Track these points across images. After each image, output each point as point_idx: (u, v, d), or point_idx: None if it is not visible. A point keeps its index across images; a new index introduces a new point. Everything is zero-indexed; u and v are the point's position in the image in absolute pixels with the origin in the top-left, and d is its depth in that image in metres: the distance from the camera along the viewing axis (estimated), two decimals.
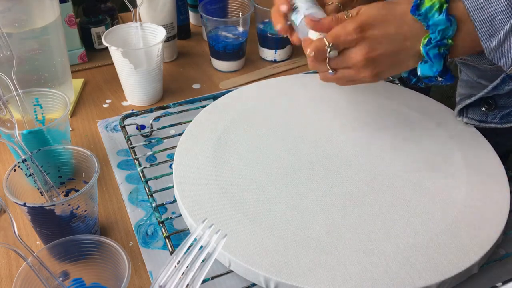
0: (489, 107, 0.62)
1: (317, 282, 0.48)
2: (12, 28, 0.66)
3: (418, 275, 0.49)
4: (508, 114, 0.62)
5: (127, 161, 0.68)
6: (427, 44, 0.52)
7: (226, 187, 0.58)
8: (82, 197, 0.51)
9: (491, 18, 0.50)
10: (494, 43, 0.51)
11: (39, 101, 0.63)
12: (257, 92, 0.73)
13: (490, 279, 0.53)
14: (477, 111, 0.64)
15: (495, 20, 0.49)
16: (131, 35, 0.79)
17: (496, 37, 0.50)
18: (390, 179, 0.59)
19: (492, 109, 0.62)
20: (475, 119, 0.64)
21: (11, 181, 0.52)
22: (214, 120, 0.68)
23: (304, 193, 0.57)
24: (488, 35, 0.50)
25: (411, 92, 0.73)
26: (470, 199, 0.56)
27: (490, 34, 0.50)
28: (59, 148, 0.57)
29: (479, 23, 0.50)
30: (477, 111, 0.64)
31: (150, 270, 0.55)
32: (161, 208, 0.60)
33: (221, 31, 0.87)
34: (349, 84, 0.58)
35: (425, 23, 0.51)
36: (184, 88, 0.84)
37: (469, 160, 0.61)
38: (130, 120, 0.73)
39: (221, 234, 0.42)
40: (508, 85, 0.56)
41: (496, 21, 0.49)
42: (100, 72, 0.88)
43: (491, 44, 0.51)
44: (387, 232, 0.53)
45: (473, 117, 0.65)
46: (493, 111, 0.63)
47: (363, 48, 0.53)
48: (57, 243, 0.47)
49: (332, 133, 0.66)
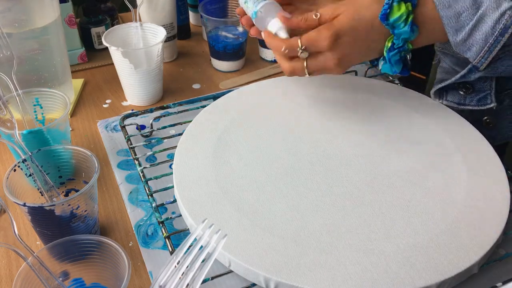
0: (466, 91, 0.68)
1: (317, 282, 0.48)
2: (12, 28, 0.66)
3: (418, 275, 0.49)
4: (485, 97, 0.67)
5: (127, 161, 0.68)
6: (390, 50, 0.59)
7: (226, 187, 0.58)
8: (82, 197, 0.51)
9: (457, 15, 0.55)
10: (460, 37, 0.56)
11: (39, 101, 0.63)
12: (257, 92, 0.73)
13: (490, 279, 0.53)
14: (455, 94, 0.69)
15: (461, 16, 0.54)
16: (131, 35, 0.79)
17: (462, 32, 0.55)
18: (390, 179, 0.59)
19: (469, 93, 0.68)
20: (454, 102, 0.70)
21: (11, 181, 0.52)
22: (214, 120, 0.68)
23: (304, 193, 0.57)
24: (455, 29, 0.56)
25: (411, 92, 0.73)
26: (470, 199, 0.56)
27: (457, 29, 0.55)
28: (59, 148, 0.57)
29: (447, 19, 0.55)
30: (456, 94, 0.69)
31: (150, 270, 0.55)
32: (161, 208, 0.60)
33: (221, 31, 0.87)
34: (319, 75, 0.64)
35: (391, 31, 0.57)
36: (184, 88, 0.84)
37: (469, 160, 0.61)
38: (130, 120, 0.73)
39: (221, 234, 0.42)
40: (474, 74, 0.62)
41: (462, 18, 0.54)
42: (100, 72, 0.88)
43: (457, 38, 0.56)
44: (387, 232, 0.53)
45: (452, 100, 0.70)
46: (470, 95, 0.68)
47: (336, 55, 0.59)
48: (57, 243, 0.47)
49: (332, 133, 0.66)
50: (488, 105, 0.67)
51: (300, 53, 0.59)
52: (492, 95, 0.66)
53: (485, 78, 0.66)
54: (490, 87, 0.66)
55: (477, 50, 0.55)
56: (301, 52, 0.59)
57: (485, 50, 0.55)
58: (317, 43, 0.58)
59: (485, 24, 0.54)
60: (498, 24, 0.53)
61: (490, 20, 0.53)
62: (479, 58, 0.56)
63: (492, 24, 0.53)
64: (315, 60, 0.60)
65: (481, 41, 0.55)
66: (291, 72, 0.62)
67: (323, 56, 0.59)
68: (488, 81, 0.66)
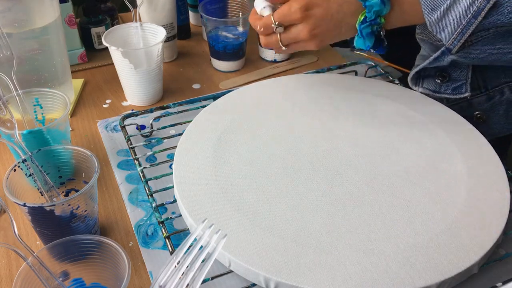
0: (443, 79, 0.69)
1: (317, 282, 0.48)
2: (12, 28, 0.66)
3: (418, 275, 0.49)
4: (460, 86, 0.69)
5: (127, 161, 0.68)
6: (363, 23, 0.59)
7: (226, 187, 0.58)
8: (82, 197, 0.51)
9: None
10: (435, 17, 0.57)
11: (39, 101, 0.63)
12: (257, 92, 0.73)
13: (490, 279, 0.53)
14: (431, 82, 0.71)
15: None
16: (131, 35, 0.79)
17: (437, 11, 0.56)
18: (390, 179, 0.59)
19: (445, 81, 0.69)
20: (430, 89, 0.71)
21: (11, 181, 0.52)
22: (214, 120, 0.68)
23: (304, 193, 0.57)
24: (430, 8, 0.57)
25: (411, 92, 0.73)
26: (470, 199, 0.56)
27: (432, 8, 0.56)
28: (59, 148, 0.57)
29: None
30: (432, 82, 0.71)
31: (150, 270, 0.55)
32: (161, 208, 0.60)
33: (221, 31, 0.87)
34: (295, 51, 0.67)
35: (363, 3, 0.58)
36: (184, 88, 0.84)
37: (469, 160, 0.61)
38: (130, 120, 0.73)
39: (221, 234, 0.42)
40: (447, 57, 0.62)
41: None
42: (100, 72, 0.88)
43: (432, 17, 0.57)
44: (387, 232, 0.53)
45: (428, 87, 0.72)
46: (446, 83, 0.69)
47: (308, 26, 0.60)
48: (57, 243, 0.47)
49: (332, 133, 0.66)
50: (462, 94, 0.69)
51: (276, 28, 0.62)
52: (468, 84, 0.68)
53: (461, 67, 0.67)
54: (466, 77, 0.68)
55: (451, 31, 0.56)
56: (276, 27, 0.62)
57: (458, 32, 0.56)
58: (289, 17, 0.60)
59: (460, 5, 0.55)
60: (472, 6, 0.54)
61: (465, 1, 0.54)
62: (452, 40, 0.57)
63: (467, 5, 0.54)
64: (288, 33, 0.62)
65: (454, 22, 0.56)
66: (266, 44, 0.65)
67: (295, 28, 0.61)
68: (464, 70, 0.67)
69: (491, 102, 0.70)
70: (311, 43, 0.62)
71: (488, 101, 0.70)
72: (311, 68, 0.88)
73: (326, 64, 0.89)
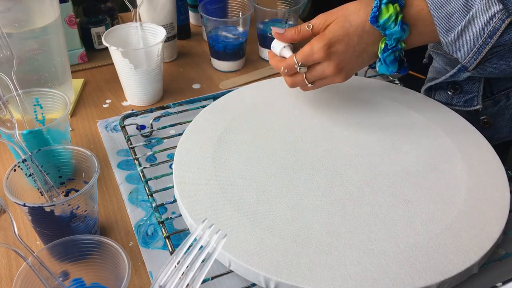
0: (455, 91, 0.70)
1: (317, 282, 0.48)
2: (12, 28, 0.66)
3: (418, 275, 0.49)
4: (471, 99, 0.69)
5: (127, 161, 0.68)
6: (384, 51, 0.60)
7: (226, 187, 0.58)
8: (82, 197, 0.51)
9: (449, 16, 0.56)
10: (451, 38, 0.57)
11: (39, 101, 0.63)
12: (257, 92, 0.73)
13: (490, 279, 0.53)
14: (443, 94, 0.72)
15: (452, 17, 0.55)
16: (131, 35, 0.79)
17: (453, 33, 0.56)
18: (390, 179, 0.59)
19: (457, 93, 0.70)
20: (441, 101, 0.71)
21: (11, 181, 0.52)
22: (214, 120, 0.68)
23: (304, 193, 0.57)
24: (445, 30, 0.57)
25: (411, 92, 0.73)
26: (470, 199, 0.56)
27: (447, 29, 0.56)
28: (59, 148, 0.57)
29: (438, 20, 0.56)
30: (444, 94, 0.72)
31: (150, 270, 0.55)
32: (161, 208, 0.60)
33: (221, 31, 0.87)
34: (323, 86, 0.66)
35: (383, 32, 0.59)
36: (184, 88, 0.84)
37: (469, 160, 0.61)
38: (130, 120, 0.73)
39: (221, 234, 0.42)
40: (464, 74, 0.64)
41: (453, 19, 0.55)
42: (100, 72, 0.88)
43: (448, 39, 0.57)
44: (387, 232, 0.53)
45: (440, 99, 0.72)
46: (458, 95, 0.70)
47: (332, 62, 0.61)
48: (57, 243, 0.47)
49: (332, 133, 0.66)
50: (474, 106, 0.69)
51: (299, 69, 0.62)
52: (479, 97, 0.68)
53: (473, 79, 0.67)
54: (478, 89, 0.68)
55: (467, 50, 0.56)
56: (299, 68, 0.62)
57: (474, 51, 0.56)
58: (312, 56, 0.61)
59: (475, 26, 0.55)
60: (488, 26, 0.54)
61: (480, 22, 0.54)
62: (468, 59, 0.57)
63: (482, 26, 0.54)
64: (314, 71, 0.62)
65: (470, 42, 0.56)
66: (292, 84, 0.66)
67: (320, 66, 0.62)
68: (476, 83, 0.67)
69: (497, 107, 0.70)
70: (337, 78, 0.63)
71: (495, 106, 0.70)
72: None
73: None
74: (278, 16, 0.87)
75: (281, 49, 0.65)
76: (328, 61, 0.61)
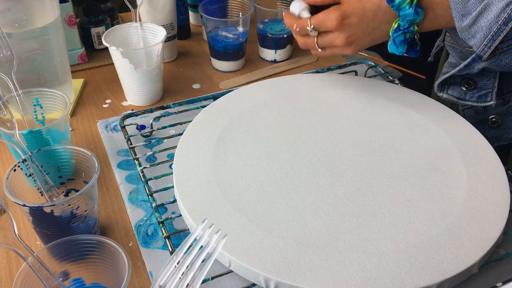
0: (468, 87, 0.69)
1: (317, 282, 0.48)
2: (12, 28, 0.66)
3: (418, 275, 0.49)
4: (485, 95, 0.68)
5: (127, 161, 0.68)
6: (396, 31, 0.61)
7: (226, 187, 0.58)
8: (82, 197, 0.51)
9: (465, 0, 0.56)
10: (466, 23, 0.57)
11: (39, 101, 0.63)
12: (257, 92, 0.73)
13: (490, 279, 0.53)
14: (456, 89, 0.71)
15: (469, 2, 0.56)
16: (131, 35, 0.79)
17: (468, 18, 0.56)
18: (390, 179, 0.59)
19: (471, 89, 0.69)
20: (454, 96, 0.71)
21: (11, 181, 0.52)
22: (214, 120, 0.68)
23: (304, 193, 0.57)
24: (461, 14, 0.57)
25: (411, 92, 0.73)
26: (470, 199, 0.56)
27: (463, 14, 0.57)
28: (59, 148, 0.57)
29: (454, 4, 0.57)
30: (457, 89, 0.71)
31: (150, 270, 0.55)
32: (161, 208, 0.60)
33: (221, 31, 0.87)
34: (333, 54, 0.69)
35: (397, 12, 0.60)
36: (184, 88, 0.84)
37: (469, 160, 0.61)
38: (130, 120, 0.73)
39: (221, 234, 0.42)
40: (478, 65, 0.62)
41: (470, 4, 0.56)
42: (100, 72, 0.87)
43: (463, 24, 0.57)
44: (387, 232, 0.53)
45: (452, 94, 0.72)
46: (471, 91, 0.69)
47: (343, 33, 0.63)
48: (57, 243, 0.47)
49: (332, 133, 0.66)
50: (487, 102, 0.69)
51: (310, 32, 0.64)
52: (494, 93, 0.68)
53: (488, 75, 0.67)
54: (492, 86, 0.67)
55: (481, 37, 0.57)
56: (311, 31, 0.64)
57: (489, 39, 0.56)
58: (325, 23, 0.62)
59: (491, 12, 0.55)
60: (503, 13, 0.54)
61: (496, 8, 0.54)
62: (482, 47, 0.57)
63: (497, 12, 0.54)
64: (325, 37, 0.64)
65: (485, 28, 0.56)
66: (303, 45, 0.67)
67: (331, 35, 0.64)
68: (491, 79, 0.67)
69: (506, 106, 0.69)
70: (347, 49, 0.64)
71: (504, 105, 0.69)
72: (311, 68, 0.88)
73: (326, 64, 0.89)
74: (278, 16, 0.87)
75: (301, 10, 0.66)
76: (340, 31, 0.62)
